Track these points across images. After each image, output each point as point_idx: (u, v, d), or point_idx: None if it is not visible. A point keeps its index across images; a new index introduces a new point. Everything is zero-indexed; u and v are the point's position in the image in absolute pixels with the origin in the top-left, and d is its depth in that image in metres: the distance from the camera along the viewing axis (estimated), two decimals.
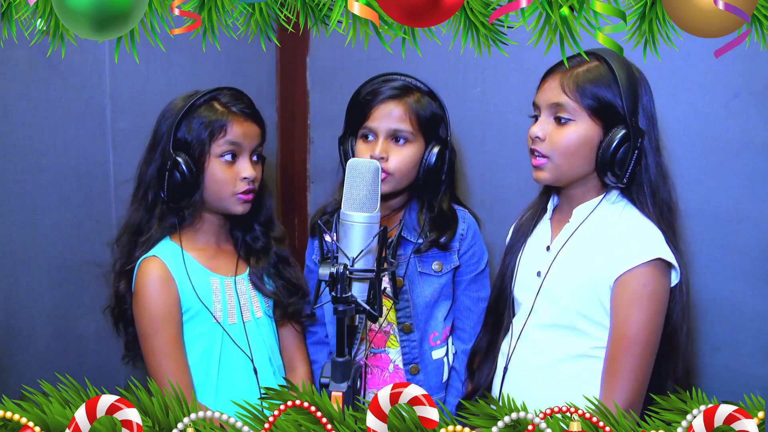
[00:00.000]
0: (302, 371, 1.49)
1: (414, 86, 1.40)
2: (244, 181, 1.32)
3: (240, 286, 1.39)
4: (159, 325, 1.27)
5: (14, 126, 1.46)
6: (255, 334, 1.39)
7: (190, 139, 1.29)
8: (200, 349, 1.33)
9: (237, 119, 1.32)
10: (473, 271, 1.47)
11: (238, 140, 1.31)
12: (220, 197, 1.32)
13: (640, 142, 1.15)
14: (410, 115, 1.37)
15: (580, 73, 1.16)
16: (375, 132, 1.38)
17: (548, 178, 1.22)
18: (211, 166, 1.30)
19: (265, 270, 1.42)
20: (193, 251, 1.35)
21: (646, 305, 1.12)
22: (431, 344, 1.45)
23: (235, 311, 1.36)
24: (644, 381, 1.14)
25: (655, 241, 1.15)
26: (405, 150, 1.38)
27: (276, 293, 1.42)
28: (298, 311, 1.46)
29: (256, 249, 1.43)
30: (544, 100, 1.20)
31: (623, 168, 1.16)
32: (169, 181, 1.28)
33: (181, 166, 1.27)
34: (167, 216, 1.34)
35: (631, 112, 1.14)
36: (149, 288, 1.28)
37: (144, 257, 1.31)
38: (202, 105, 1.31)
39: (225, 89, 1.35)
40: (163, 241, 1.34)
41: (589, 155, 1.18)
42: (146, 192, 1.34)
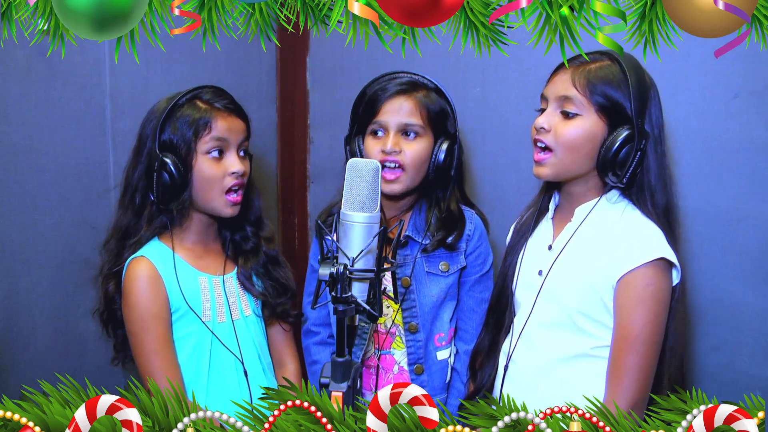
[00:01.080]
0: (292, 368, 1.50)
1: (421, 83, 1.41)
2: (232, 176, 1.32)
3: (228, 285, 1.39)
4: (148, 324, 1.28)
5: (14, 126, 1.46)
6: (244, 332, 1.39)
7: (176, 139, 1.29)
8: (190, 347, 1.33)
9: (221, 115, 1.32)
10: (478, 272, 1.47)
11: (224, 135, 1.31)
12: (209, 196, 1.32)
13: (644, 144, 1.15)
14: (420, 109, 1.38)
15: (592, 70, 1.17)
16: (385, 127, 1.38)
17: (549, 174, 1.22)
18: (199, 164, 1.30)
19: (253, 270, 1.42)
20: (182, 251, 1.35)
21: (650, 305, 1.13)
22: (436, 345, 1.45)
23: (224, 310, 1.37)
24: (649, 380, 1.14)
25: (657, 241, 1.15)
26: (416, 144, 1.38)
27: (264, 293, 1.43)
28: (286, 311, 1.47)
29: (245, 249, 1.43)
30: (553, 93, 1.20)
31: (624, 168, 1.16)
32: (158, 182, 1.28)
33: (168, 167, 1.27)
34: (156, 217, 1.34)
35: (638, 114, 1.15)
36: (138, 287, 1.28)
37: (132, 257, 1.31)
38: (184, 104, 1.31)
39: (206, 87, 1.35)
40: (151, 242, 1.34)
41: (591, 152, 1.18)
42: (133, 195, 1.34)
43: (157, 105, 1.34)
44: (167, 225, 1.34)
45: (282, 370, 1.49)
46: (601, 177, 1.20)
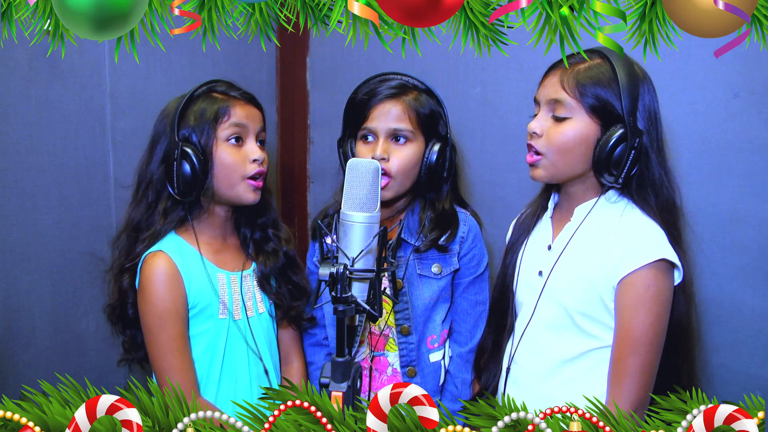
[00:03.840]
0: (297, 365, 1.51)
1: (411, 85, 1.40)
2: (254, 164, 1.32)
3: (245, 282, 1.39)
4: (165, 320, 1.26)
5: (14, 126, 1.46)
6: (258, 329, 1.39)
7: (195, 129, 1.29)
8: (204, 344, 1.32)
9: (239, 102, 1.32)
10: (472, 274, 1.46)
11: (243, 121, 1.32)
12: (230, 183, 1.31)
13: (638, 142, 1.15)
14: (409, 114, 1.37)
15: (580, 71, 1.16)
16: (375, 133, 1.38)
17: (543, 176, 1.22)
18: (219, 151, 1.30)
19: (272, 271, 1.42)
20: (200, 245, 1.34)
21: (651, 306, 1.12)
22: (429, 347, 1.45)
23: (240, 307, 1.36)
24: (651, 381, 1.14)
25: (658, 242, 1.14)
26: (406, 149, 1.38)
27: (280, 297, 1.43)
28: (299, 315, 1.47)
29: (266, 250, 1.42)
30: (544, 96, 1.20)
31: (619, 168, 1.15)
32: (178, 174, 1.27)
33: (190, 157, 1.26)
34: (172, 211, 1.32)
35: (629, 112, 1.14)
36: (156, 283, 1.27)
37: (149, 251, 1.29)
38: (200, 97, 1.32)
39: (219, 81, 1.36)
40: (168, 236, 1.32)
41: (585, 154, 1.17)
42: (147, 189, 1.33)
43: (169, 103, 1.34)
44: (184, 218, 1.33)
45: (288, 368, 1.50)
46: (597, 177, 1.20)
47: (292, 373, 1.49)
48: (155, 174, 1.31)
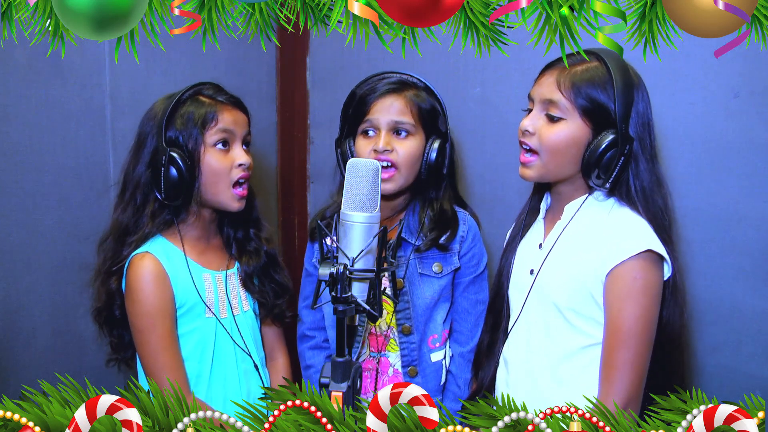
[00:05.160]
0: (282, 361, 1.53)
1: (410, 81, 1.41)
2: (239, 168, 1.33)
3: (230, 281, 1.41)
4: (154, 320, 1.27)
5: (14, 126, 1.46)
6: (244, 327, 1.41)
7: (182, 134, 1.29)
8: (193, 343, 1.34)
9: (226, 107, 1.33)
10: (472, 273, 1.47)
11: (230, 127, 1.32)
12: (217, 189, 1.32)
13: (628, 148, 1.15)
14: (411, 108, 1.37)
15: (577, 72, 1.16)
16: (376, 126, 1.38)
17: (533, 176, 1.22)
18: (207, 156, 1.31)
19: (254, 270, 1.43)
20: (185, 246, 1.35)
21: (639, 298, 1.12)
22: (430, 347, 1.45)
23: (226, 305, 1.38)
24: (642, 374, 1.13)
25: (644, 234, 1.14)
26: (408, 142, 1.38)
27: (263, 296, 1.45)
28: (282, 312, 1.49)
29: (248, 249, 1.44)
30: (539, 95, 1.20)
31: (608, 172, 1.15)
32: (166, 178, 1.27)
33: (176, 161, 1.27)
34: (159, 214, 1.33)
35: (622, 118, 1.14)
36: (144, 283, 1.28)
37: (135, 253, 1.30)
38: (187, 100, 1.32)
39: (205, 84, 1.36)
40: (153, 238, 1.33)
41: (576, 156, 1.18)
42: (134, 193, 1.33)
43: (155, 104, 1.34)
44: (170, 221, 1.34)
45: (273, 364, 1.52)
46: (585, 180, 1.20)
47: (278, 369, 1.51)
48: (142, 177, 1.32)
